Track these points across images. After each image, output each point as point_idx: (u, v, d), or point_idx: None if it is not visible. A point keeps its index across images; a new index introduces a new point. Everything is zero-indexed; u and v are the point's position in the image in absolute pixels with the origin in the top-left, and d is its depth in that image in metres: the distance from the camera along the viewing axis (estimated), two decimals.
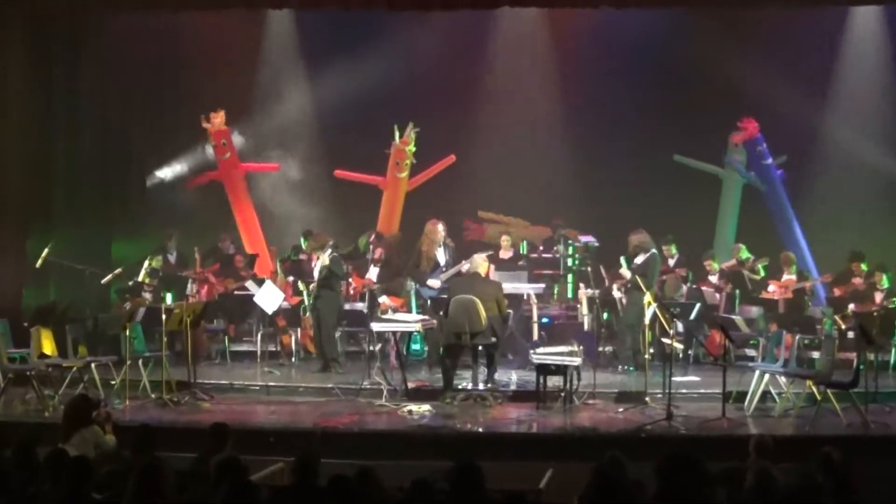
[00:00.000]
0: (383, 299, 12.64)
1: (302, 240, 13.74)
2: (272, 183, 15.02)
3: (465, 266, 11.60)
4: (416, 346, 12.35)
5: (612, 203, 14.12)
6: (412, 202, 14.83)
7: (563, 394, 10.12)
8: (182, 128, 14.82)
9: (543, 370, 10.16)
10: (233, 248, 14.21)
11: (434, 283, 12.01)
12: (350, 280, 12.73)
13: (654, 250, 11.87)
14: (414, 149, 14.70)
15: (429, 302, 11.98)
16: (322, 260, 11.74)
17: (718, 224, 14.88)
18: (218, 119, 14.67)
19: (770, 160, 14.37)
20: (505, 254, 13.55)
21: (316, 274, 11.92)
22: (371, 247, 12.71)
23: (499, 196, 14.78)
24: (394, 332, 11.22)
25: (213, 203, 14.97)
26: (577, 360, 10.11)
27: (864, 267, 12.53)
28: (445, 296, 10.86)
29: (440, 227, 12.18)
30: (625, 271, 11.86)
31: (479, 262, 10.92)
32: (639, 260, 11.88)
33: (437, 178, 14.85)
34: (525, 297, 12.53)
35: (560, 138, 14.28)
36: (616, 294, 12.18)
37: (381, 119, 14.42)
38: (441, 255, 12.20)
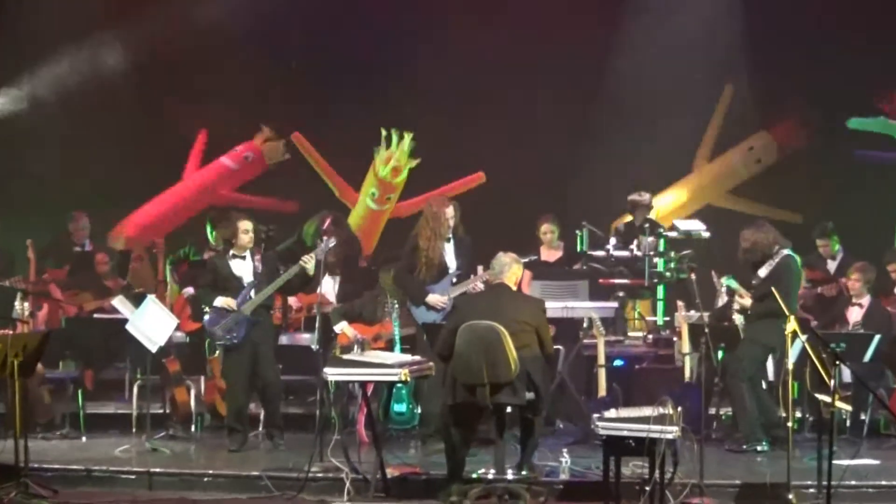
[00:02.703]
0: (342, 327, 12.67)
1: (209, 229, 13.73)
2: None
3: (479, 281, 11.72)
4: (400, 408, 12.32)
5: None
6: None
7: (648, 487, 10.04)
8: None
9: (616, 448, 10.13)
10: (90, 243, 14.32)
11: (437, 300, 12.02)
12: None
13: (787, 251, 12.01)
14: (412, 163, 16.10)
15: (424, 335, 11.96)
16: (306, 263, 11.83)
17: None
18: None
19: None
20: (550, 253, 13.58)
21: (250, 279, 12.01)
22: (325, 239, 12.55)
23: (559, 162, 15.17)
24: (362, 384, 11.20)
25: (62, 159, 15.26)
26: (672, 431, 9.99)
27: None
28: (449, 322, 10.86)
29: (450, 211, 12.12)
30: (745, 300, 11.87)
31: (508, 267, 10.83)
32: (762, 272, 11.94)
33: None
34: (586, 323, 12.54)
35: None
36: (738, 320, 12.26)
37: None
38: (450, 256, 12.18)
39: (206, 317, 12.12)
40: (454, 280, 12.12)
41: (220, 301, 11.96)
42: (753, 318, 11.94)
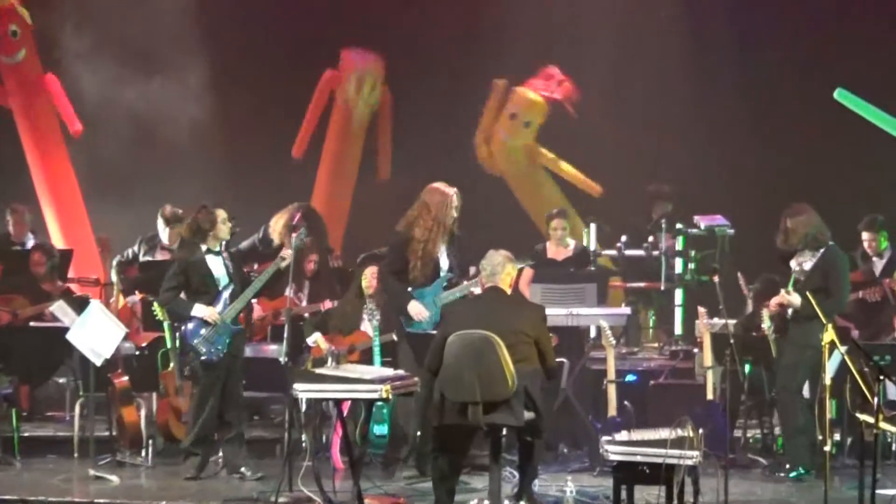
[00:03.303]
0: (316, 339, 12.78)
1: (161, 223, 13.78)
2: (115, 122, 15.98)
3: (477, 285, 11.67)
4: (380, 429, 12.33)
5: (758, 163, 14.39)
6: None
7: None
8: None
9: (628, 475, 10.16)
10: (32, 237, 14.41)
11: (419, 310, 11.99)
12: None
13: (832, 243, 12.00)
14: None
15: (410, 348, 11.93)
16: (284, 260, 11.99)
17: None
18: None
19: None
20: (559, 251, 13.74)
21: (225, 280, 12.00)
22: (296, 234, 12.46)
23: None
24: (337, 403, 11.10)
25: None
26: (692, 457, 9.98)
27: None
28: (440, 331, 10.75)
29: (455, 199, 12.06)
30: (793, 297, 11.77)
31: (501, 267, 10.78)
32: (805, 263, 11.94)
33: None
34: (593, 333, 12.77)
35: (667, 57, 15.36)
36: (767, 327, 12.24)
37: None
38: (444, 254, 12.18)
39: (185, 328, 11.97)
40: (446, 283, 12.09)
41: (203, 312, 11.81)
42: (802, 319, 11.76)
